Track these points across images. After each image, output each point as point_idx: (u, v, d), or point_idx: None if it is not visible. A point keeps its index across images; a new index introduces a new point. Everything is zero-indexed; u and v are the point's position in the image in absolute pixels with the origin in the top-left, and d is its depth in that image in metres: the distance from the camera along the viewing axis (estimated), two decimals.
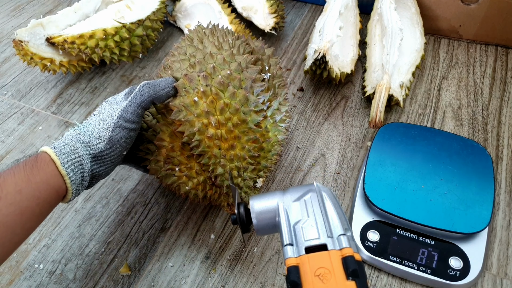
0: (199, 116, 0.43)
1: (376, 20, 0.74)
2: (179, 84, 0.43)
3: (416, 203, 0.50)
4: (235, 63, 0.44)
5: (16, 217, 0.33)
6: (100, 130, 0.40)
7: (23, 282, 0.50)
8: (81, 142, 0.39)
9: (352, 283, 0.27)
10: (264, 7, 0.77)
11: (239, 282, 0.49)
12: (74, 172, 0.37)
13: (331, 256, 0.29)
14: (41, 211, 0.36)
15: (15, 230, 0.33)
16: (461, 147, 0.55)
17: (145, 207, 0.57)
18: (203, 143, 0.43)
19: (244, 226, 0.36)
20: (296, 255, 0.30)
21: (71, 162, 0.37)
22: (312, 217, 0.32)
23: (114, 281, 0.50)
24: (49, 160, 0.36)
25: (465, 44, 0.78)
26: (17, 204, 0.33)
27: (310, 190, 0.34)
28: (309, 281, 0.28)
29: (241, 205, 0.36)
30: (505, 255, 0.50)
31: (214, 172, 0.44)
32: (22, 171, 0.34)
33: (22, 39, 0.65)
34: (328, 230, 0.31)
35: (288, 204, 0.34)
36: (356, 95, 0.70)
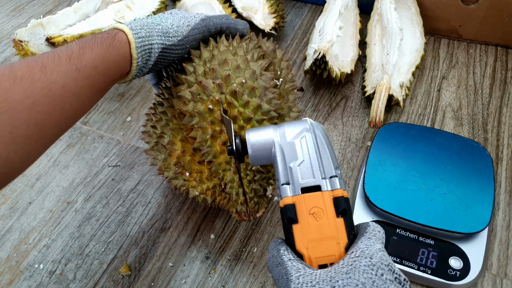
0: (213, 123, 0.42)
1: (376, 20, 0.74)
2: (193, 90, 0.43)
3: (416, 203, 0.50)
4: (249, 71, 0.43)
5: (88, 90, 0.34)
6: (180, 25, 0.42)
7: (23, 282, 0.50)
8: (157, 31, 0.40)
9: (341, 220, 0.31)
10: (264, 7, 0.77)
11: (239, 282, 0.49)
12: (142, 57, 0.39)
13: (324, 197, 0.32)
14: (106, 87, 0.37)
15: (85, 102, 0.35)
16: (461, 147, 0.55)
17: (145, 207, 0.57)
18: (214, 150, 0.43)
19: (240, 156, 0.37)
20: (293, 194, 0.32)
21: (143, 48, 0.38)
22: (307, 158, 0.34)
23: (114, 281, 0.50)
24: (125, 41, 0.37)
25: (465, 44, 0.78)
26: (91, 79, 0.34)
27: (305, 129, 0.35)
28: (305, 218, 0.31)
29: (237, 137, 0.37)
30: (505, 255, 0.50)
31: (223, 179, 0.44)
32: (100, 47, 0.35)
33: (22, 39, 0.65)
34: (322, 172, 0.33)
35: (284, 143, 0.35)
36: (356, 95, 0.70)
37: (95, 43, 0.35)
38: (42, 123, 0.31)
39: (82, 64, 0.33)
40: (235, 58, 0.44)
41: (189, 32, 0.42)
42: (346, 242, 0.30)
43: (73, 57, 0.33)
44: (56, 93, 0.31)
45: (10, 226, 0.56)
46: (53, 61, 0.32)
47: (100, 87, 0.36)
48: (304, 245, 0.30)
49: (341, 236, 0.30)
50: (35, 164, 0.63)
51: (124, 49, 0.37)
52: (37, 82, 0.30)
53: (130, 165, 0.62)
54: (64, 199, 0.58)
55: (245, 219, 0.47)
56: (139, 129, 0.67)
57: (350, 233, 0.31)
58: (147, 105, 0.71)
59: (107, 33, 0.37)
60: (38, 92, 0.30)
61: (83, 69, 0.33)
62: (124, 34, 0.38)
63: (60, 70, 0.32)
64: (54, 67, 0.32)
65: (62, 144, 0.66)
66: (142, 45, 0.38)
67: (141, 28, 0.39)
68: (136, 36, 0.38)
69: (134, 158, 0.63)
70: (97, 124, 0.68)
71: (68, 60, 0.33)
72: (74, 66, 0.33)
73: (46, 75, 0.31)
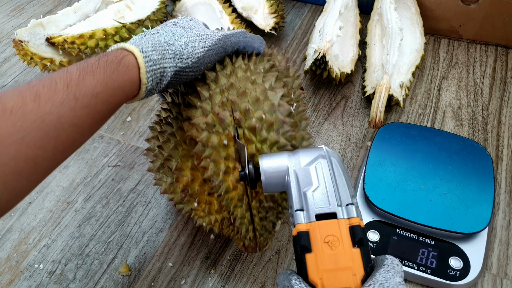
0: (226, 159, 0.40)
1: (376, 20, 0.74)
2: (209, 121, 0.40)
3: (416, 203, 0.50)
4: (268, 103, 0.41)
5: (87, 119, 0.32)
6: (195, 45, 0.38)
7: (23, 282, 0.50)
8: (169, 52, 0.36)
9: (357, 250, 0.29)
10: (264, 7, 0.77)
11: (239, 282, 0.49)
12: (152, 82, 0.36)
13: (340, 225, 0.30)
14: (109, 113, 0.34)
15: (84, 131, 0.32)
16: (461, 147, 0.55)
17: (145, 207, 0.57)
18: (226, 185, 0.41)
19: (252, 183, 0.36)
20: (307, 221, 0.31)
21: (154, 72, 0.35)
22: (322, 184, 0.33)
23: (114, 281, 0.50)
24: (134, 65, 0.34)
25: (465, 44, 0.78)
26: (91, 107, 0.31)
27: (320, 156, 0.34)
28: (319, 246, 0.30)
29: (250, 163, 0.36)
30: (505, 255, 0.50)
31: (234, 214, 0.42)
32: (102, 73, 0.32)
33: (22, 39, 0.65)
34: (338, 199, 0.32)
35: (298, 169, 0.34)
36: (356, 95, 0.70)
37: (97, 68, 0.32)
38: (34, 158, 0.28)
39: (81, 92, 0.30)
40: (254, 88, 0.42)
41: (205, 53, 0.39)
42: (363, 274, 0.29)
43: (71, 84, 0.30)
44: (50, 124, 0.29)
45: (10, 226, 0.56)
46: (49, 90, 0.29)
47: (102, 114, 0.33)
48: (318, 275, 0.29)
49: (357, 267, 0.29)
50: None
51: (131, 73, 0.34)
52: (29, 114, 0.28)
53: (130, 165, 0.62)
54: (64, 199, 0.58)
55: (251, 252, 0.47)
56: (139, 129, 0.67)
57: (367, 265, 0.29)
58: (147, 105, 0.71)
59: (113, 55, 0.34)
60: (30, 125, 0.28)
61: (82, 98, 0.30)
62: (133, 56, 0.34)
63: (55, 100, 0.29)
64: (49, 96, 0.29)
65: None
66: (153, 69, 0.35)
67: (152, 49, 0.35)
68: (146, 60, 0.34)
69: (134, 158, 0.63)
70: None
71: (65, 87, 0.30)
72: (72, 95, 0.30)
73: (39, 105, 0.28)
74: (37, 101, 0.28)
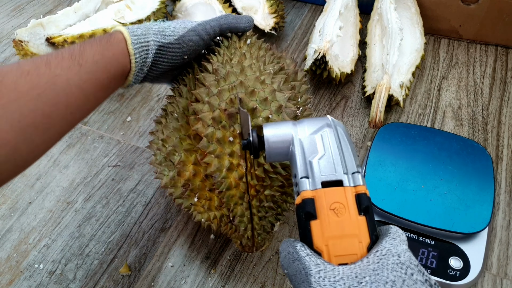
0: (231, 155, 0.40)
1: (376, 20, 0.74)
2: (216, 116, 0.40)
3: (416, 203, 0.50)
4: (276, 104, 0.41)
5: (91, 85, 0.36)
6: (176, 26, 0.43)
7: (23, 282, 0.50)
8: (153, 30, 0.42)
9: (363, 218, 0.29)
10: (264, 7, 0.77)
11: (239, 282, 0.49)
12: (140, 54, 0.40)
13: (346, 192, 0.30)
14: (109, 85, 0.39)
15: (89, 97, 0.36)
16: (461, 147, 0.55)
17: (145, 207, 0.57)
18: (228, 182, 0.41)
19: (255, 151, 0.36)
20: (312, 188, 0.31)
21: (139, 44, 0.40)
22: (328, 152, 0.32)
23: (114, 281, 0.50)
24: (122, 38, 0.39)
25: (465, 44, 0.78)
26: (93, 73, 0.36)
27: (326, 125, 0.34)
28: (325, 213, 0.29)
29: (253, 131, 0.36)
30: (505, 255, 0.50)
31: (233, 212, 0.42)
32: (98, 44, 0.37)
33: (22, 39, 0.65)
34: (344, 167, 0.31)
35: (303, 137, 0.34)
36: (356, 95, 0.70)
37: (94, 42, 0.38)
38: (49, 114, 0.33)
39: (83, 59, 0.35)
40: (263, 88, 0.42)
41: (186, 33, 0.43)
42: (369, 241, 0.29)
43: (75, 54, 0.35)
44: (60, 85, 0.33)
45: (10, 226, 0.56)
46: (57, 58, 0.34)
47: (103, 82, 0.37)
48: (323, 242, 0.29)
49: (363, 234, 0.29)
50: (35, 164, 0.63)
51: (121, 46, 0.39)
52: (43, 75, 0.32)
53: (130, 165, 0.62)
54: (64, 199, 0.58)
55: (248, 251, 0.47)
56: (139, 129, 0.67)
57: (372, 233, 0.29)
58: (147, 105, 0.71)
59: (106, 33, 0.40)
60: (44, 84, 0.32)
61: (84, 64, 0.35)
62: (120, 33, 0.40)
63: (63, 65, 0.34)
64: (58, 62, 0.34)
65: (62, 144, 0.66)
66: (138, 42, 0.40)
67: (137, 28, 0.41)
68: (132, 34, 0.40)
69: (134, 158, 0.63)
70: (97, 124, 0.68)
71: (70, 56, 0.35)
72: (76, 62, 0.35)
73: (50, 69, 0.33)
74: (48, 66, 0.33)
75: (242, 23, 0.47)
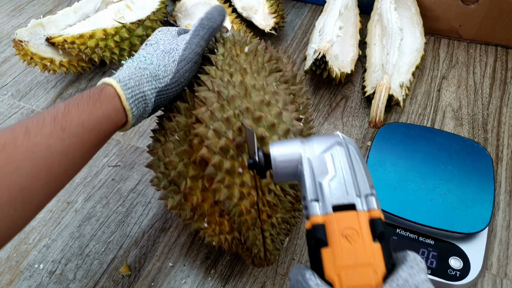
0: (242, 185, 0.39)
1: (376, 20, 0.74)
2: (223, 145, 0.38)
3: (416, 203, 0.50)
4: (283, 127, 0.40)
5: (77, 148, 0.34)
6: (166, 63, 0.40)
7: (23, 282, 0.50)
8: (146, 77, 0.39)
9: (378, 245, 0.27)
10: (264, 7, 0.77)
11: (239, 282, 0.49)
12: (137, 107, 0.38)
13: (359, 217, 0.28)
14: (100, 142, 0.37)
15: (76, 159, 0.35)
16: (461, 147, 0.55)
17: (145, 207, 0.57)
18: (239, 210, 0.40)
19: (262, 171, 0.34)
20: (323, 212, 0.29)
21: (135, 98, 0.38)
22: (340, 173, 0.30)
23: (114, 281, 0.50)
24: (114, 94, 0.37)
25: (465, 44, 0.78)
26: (79, 136, 0.34)
27: (337, 143, 0.32)
28: (336, 241, 0.27)
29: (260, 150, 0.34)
30: (505, 255, 0.50)
31: (245, 236, 0.42)
32: (86, 104, 0.35)
33: (22, 39, 0.65)
34: (357, 189, 0.29)
35: (312, 156, 0.32)
36: (356, 95, 0.70)
37: (81, 100, 0.35)
38: (27, 187, 0.30)
39: (68, 122, 0.33)
40: (269, 110, 0.40)
41: (177, 67, 0.41)
42: (384, 271, 0.26)
43: (58, 117, 0.33)
44: (40, 155, 0.31)
45: None
46: (37, 124, 0.32)
47: (92, 143, 0.35)
48: (335, 271, 0.26)
49: (378, 263, 0.26)
50: None
51: (114, 102, 0.36)
52: (20, 147, 0.30)
53: (130, 165, 0.62)
54: (64, 199, 0.58)
55: (259, 267, 0.46)
56: (139, 129, 0.67)
57: (388, 262, 0.27)
58: None
59: (95, 88, 0.37)
60: (21, 156, 0.30)
61: (68, 128, 0.33)
62: (111, 87, 0.37)
63: (44, 132, 0.32)
64: (38, 129, 0.32)
65: None
66: (133, 95, 0.37)
67: (129, 78, 0.38)
68: (125, 88, 0.37)
69: (134, 158, 0.63)
70: None
71: (53, 120, 0.33)
72: (59, 126, 0.32)
73: (29, 138, 0.31)
74: (27, 135, 0.31)
75: (217, 20, 0.44)
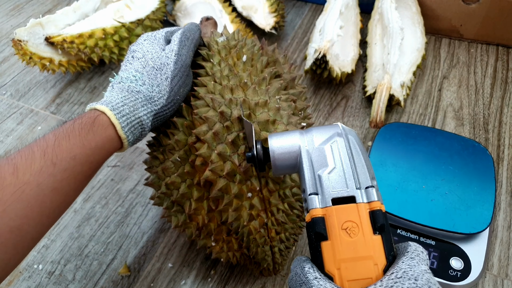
0: (251, 208, 0.38)
1: (376, 19, 0.74)
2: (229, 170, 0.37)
3: (417, 204, 0.49)
4: None
5: (69, 182, 0.32)
6: (159, 82, 0.38)
7: (22, 282, 0.50)
8: (140, 101, 0.36)
9: (378, 237, 0.27)
10: (264, 6, 0.77)
11: (239, 283, 0.49)
12: (133, 134, 0.36)
13: (359, 209, 0.27)
14: (93, 172, 0.35)
15: (69, 193, 0.33)
16: (462, 147, 0.55)
17: (145, 208, 0.57)
18: (248, 230, 0.39)
19: (261, 165, 0.33)
20: (322, 205, 0.28)
21: (131, 125, 0.35)
22: (339, 165, 0.30)
23: (113, 282, 0.50)
24: (108, 123, 0.34)
25: (466, 43, 0.77)
26: (71, 170, 0.32)
27: (336, 134, 0.31)
28: (336, 234, 0.27)
29: (258, 143, 0.33)
30: (506, 255, 0.50)
31: (253, 252, 0.42)
32: (78, 136, 0.33)
33: (21, 38, 0.65)
34: (357, 181, 0.29)
35: (312, 148, 0.31)
36: (356, 94, 0.70)
37: (72, 131, 0.33)
38: (18, 228, 0.29)
39: (59, 157, 0.31)
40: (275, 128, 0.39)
41: (171, 84, 0.38)
42: (385, 263, 0.26)
43: (48, 151, 0.31)
44: (30, 194, 0.30)
45: None
46: (26, 160, 0.30)
47: (85, 174, 0.34)
48: (335, 265, 0.26)
49: (378, 256, 0.26)
50: None
51: (108, 132, 0.34)
52: (8, 187, 0.29)
53: (130, 165, 0.62)
54: None
55: (267, 276, 0.47)
56: None
57: (389, 254, 0.26)
58: None
59: (87, 116, 0.34)
60: (10, 197, 0.29)
61: (59, 162, 0.31)
62: (105, 116, 0.34)
63: (33, 169, 0.30)
64: (27, 167, 0.30)
65: None
66: (129, 123, 0.35)
67: (122, 104, 0.35)
68: (119, 115, 0.35)
69: (134, 158, 0.63)
70: None
71: (43, 155, 0.31)
72: (49, 161, 0.31)
73: (18, 177, 0.29)
74: (15, 173, 0.29)
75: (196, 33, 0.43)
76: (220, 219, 0.40)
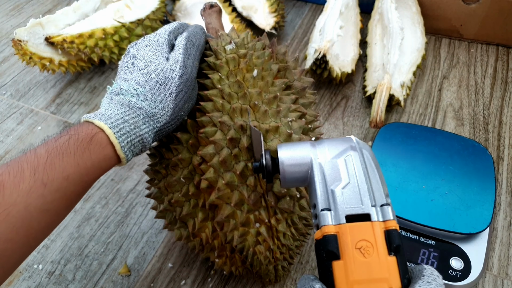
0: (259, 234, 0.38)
1: (377, 19, 0.74)
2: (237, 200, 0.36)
3: (417, 204, 0.49)
4: None
5: (60, 203, 0.30)
6: (163, 98, 0.35)
7: (22, 282, 0.50)
8: (142, 118, 0.34)
9: (393, 258, 0.26)
10: (264, 6, 0.77)
11: (239, 284, 0.49)
12: (132, 152, 0.34)
13: (374, 228, 0.26)
14: (85, 191, 0.33)
15: (59, 212, 0.31)
16: (462, 147, 0.55)
17: (145, 208, 0.57)
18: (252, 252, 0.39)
19: (269, 176, 0.32)
20: (335, 222, 0.27)
21: (131, 144, 0.33)
22: (353, 180, 0.28)
23: (113, 282, 0.50)
24: (107, 143, 0.32)
25: (466, 43, 0.77)
26: (63, 190, 0.30)
27: (350, 147, 0.30)
28: (349, 253, 0.26)
29: (267, 153, 0.32)
30: (506, 255, 0.50)
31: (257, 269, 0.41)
32: (72, 154, 0.30)
33: (21, 38, 0.65)
34: (372, 198, 0.28)
35: (324, 162, 0.30)
36: (356, 94, 0.70)
37: (67, 149, 0.30)
38: (2, 251, 0.27)
39: (50, 176, 0.29)
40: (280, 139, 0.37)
41: (175, 100, 0.35)
42: (400, 286, 0.25)
43: (38, 170, 0.29)
44: (17, 216, 0.27)
45: None
46: (15, 178, 0.28)
47: (78, 193, 0.32)
48: (347, 286, 0.25)
49: (393, 278, 0.25)
50: None
51: (106, 151, 0.32)
52: None
53: (129, 165, 0.62)
54: None
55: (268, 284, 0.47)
56: None
57: (404, 277, 0.25)
58: None
59: (84, 132, 0.32)
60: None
61: (51, 183, 0.29)
62: (103, 134, 0.32)
63: (22, 188, 0.28)
64: (15, 185, 0.28)
65: None
66: (129, 142, 0.33)
67: (123, 121, 0.33)
68: (119, 134, 0.32)
69: (134, 158, 0.63)
70: None
71: (33, 174, 0.29)
72: (39, 181, 0.28)
73: (4, 197, 0.27)
74: (1, 193, 0.27)
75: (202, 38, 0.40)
76: (225, 239, 0.39)
